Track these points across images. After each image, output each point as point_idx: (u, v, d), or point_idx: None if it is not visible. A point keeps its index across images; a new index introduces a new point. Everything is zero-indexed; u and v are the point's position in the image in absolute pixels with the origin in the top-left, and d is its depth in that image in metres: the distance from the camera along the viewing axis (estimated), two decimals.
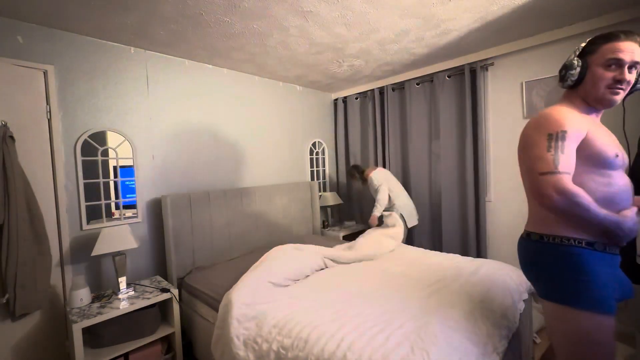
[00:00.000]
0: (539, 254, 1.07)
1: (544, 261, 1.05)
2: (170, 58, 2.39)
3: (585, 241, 0.99)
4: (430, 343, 1.17)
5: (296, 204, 3.12)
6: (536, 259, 1.08)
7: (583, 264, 0.98)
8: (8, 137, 1.61)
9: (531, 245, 1.10)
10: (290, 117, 3.31)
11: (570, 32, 2.20)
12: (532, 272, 1.12)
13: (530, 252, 1.11)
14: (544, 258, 1.06)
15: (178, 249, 2.24)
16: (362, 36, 2.19)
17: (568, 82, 1.09)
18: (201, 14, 1.78)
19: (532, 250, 1.10)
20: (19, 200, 1.60)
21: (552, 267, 1.03)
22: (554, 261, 1.03)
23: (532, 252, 1.10)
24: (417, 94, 3.08)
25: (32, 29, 1.81)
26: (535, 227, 1.10)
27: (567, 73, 1.08)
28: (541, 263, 1.06)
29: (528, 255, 1.13)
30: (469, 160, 2.73)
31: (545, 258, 1.05)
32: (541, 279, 1.08)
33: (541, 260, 1.06)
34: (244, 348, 1.48)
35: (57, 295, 1.88)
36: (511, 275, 1.75)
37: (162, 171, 2.34)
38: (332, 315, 1.43)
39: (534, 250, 1.09)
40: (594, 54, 1.04)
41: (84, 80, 1.99)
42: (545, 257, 1.05)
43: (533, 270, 1.11)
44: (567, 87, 1.12)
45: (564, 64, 1.10)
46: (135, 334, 1.81)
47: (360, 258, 2.22)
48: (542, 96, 2.39)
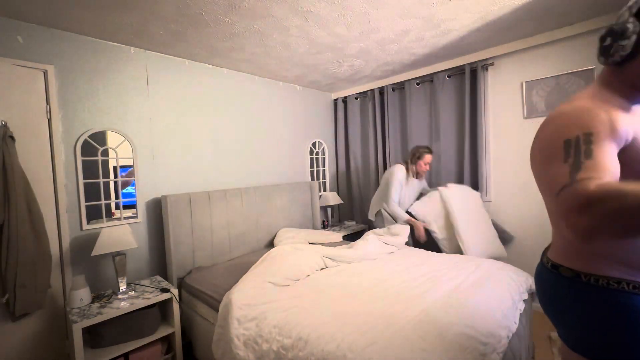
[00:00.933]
0: (574, 297, 0.79)
1: (583, 307, 0.77)
2: (170, 58, 2.39)
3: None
4: (430, 343, 1.17)
5: (296, 204, 3.12)
6: (569, 302, 0.80)
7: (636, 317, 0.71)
8: (8, 137, 1.61)
9: (562, 282, 0.81)
10: (290, 117, 3.31)
11: (570, 32, 2.20)
12: (559, 314, 0.85)
13: (559, 291, 0.83)
14: (582, 303, 0.77)
15: (178, 249, 2.24)
16: (362, 36, 2.19)
17: (614, 58, 0.73)
18: (201, 14, 1.78)
19: (563, 288, 0.82)
20: (19, 200, 1.60)
21: (594, 316, 0.76)
22: (597, 309, 0.75)
23: (563, 291, 0.82)
24: (417, 94, 3.08)
25: (32, 29, 1.81)
26: (566, 259, 0.81)
27: (614, 44, 0.72)
28: (577, 308, 0.79)
29: (556, 293, 0.84)
30: (469, 160, 2.73)
31: (584, 303, 0.77)
32: (573, 326, 0.81)
33: (577, 305, 0.78)
34: (244, 348, 1.48)
35: (57, 295, 1.88)
36: (511, 275, 1.75)
37: (162, 171, 2.34)
38: (332, 315, 1.43)
39: (566, 290, 0.81)
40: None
41: (84, 80, 1.99)
42: (585, 302, 0.77)
43: (561, 313, 0.84)
44: (611, 64, 0.75)
45: (611, 28, 0.73)
46: (135, 334, 1.81)
47: (360, 257, 2.22)
48: (542, 96, 2.39)
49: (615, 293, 0.73)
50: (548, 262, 0.87)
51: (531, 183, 2.48)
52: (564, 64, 2.29)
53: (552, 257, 0.86)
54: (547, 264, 0.87)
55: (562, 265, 0.82)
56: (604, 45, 0.75)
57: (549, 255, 0.88)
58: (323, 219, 3.58)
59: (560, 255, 0.84)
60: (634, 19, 0.69)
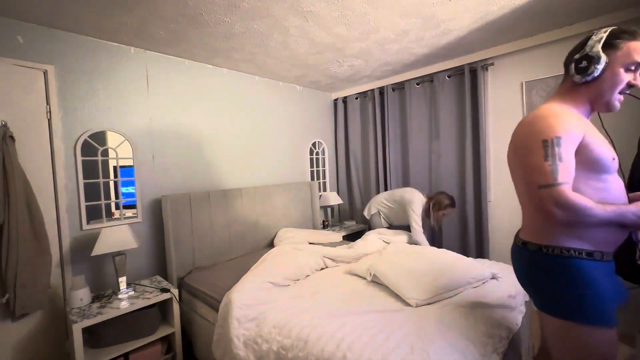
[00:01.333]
0: (538, 266, 1.00)
1: (544, 273, 0.98)
2: (170, 58, 2.39)
3: (585, 251, 0.93)
4: (430, 343, 1.17)
5: (296, 204, 3.12)
6: (535, 271, 1.02)
7: (586, 277, 0.92)
8: (8, 137, 1.61)
9: (528, 255, 1.03)
10: (290, 117, 3.31)
11: (570, 32, 2.20)
12: (530, 283, 1.06)
13: (527, 263, 1.04)
14: (543, 270, 0.98)
15: (178, 249, 2.24)
16: (362, 36, 2.19)
17: (588, 78, 0.96)
18: (201, 13, 1.78)
19: (529, 261, 1.03)
20: (19, 200, 1.60)
21: (553, 280, 0.96)
22: (554, 274, 0.96)
23: (529, 263, 1.03)
24: (417, 94, 3.08)
25: (32, 29, 1.81)
26: (532, 236, 1.02)
27: (591, 67, 0.94)
28: (540, 275, 1.00)
29: (525, 266, 1.06)
30: (469, 160, 2.73)
31: (545, 270, 0.98)
32: (540, 291, 1.02)
33: (540, 273, 0.99)
34: (244, 348, 1.48)
35: (57, 295, 1.88)
36: (513, 277, 1.75)
37: (162, 171, 2.34)
38: (332, 315, 1.43)
39: (532, 261, 1.02)
40: (618, 51, 0.91)
41: (84, 80, 1.99)
42: (545, 269, 0.98)
43: (531, 282, 1.05)
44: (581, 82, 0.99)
45: (587, 54, 0.95)
46: (135, 334, 1.81)
47: (359, 257, 2.22)
48: (542, 96, 2.39)
49: (565, 258, 0.94)
50: (519, 241, 1.08)
51: None
52: None
53: (522, 236, 1.08)
54: (518, 243, 1.09)
55: (529, 241, 1.03)
56: (581, 67, 0.97)
57: (519, 236, 1.10)
58: (323, 219, 3.58)
59: (527, 234, 1.05)
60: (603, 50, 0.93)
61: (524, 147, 0.98)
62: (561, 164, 0.90)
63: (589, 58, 0.95)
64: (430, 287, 1.54)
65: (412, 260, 1.84)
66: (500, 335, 1.27)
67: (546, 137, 0.92)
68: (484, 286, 1.64)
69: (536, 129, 0.95)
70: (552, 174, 0.90)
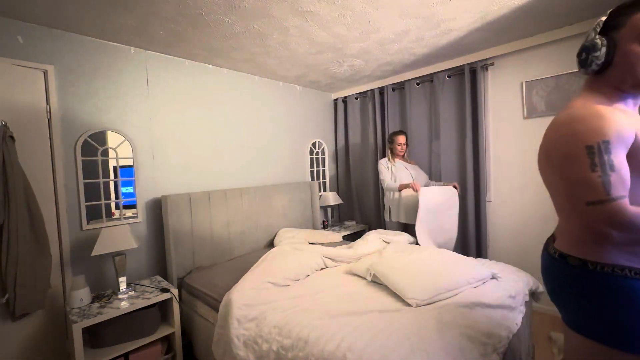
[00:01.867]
0: (580, 283, 0.86)
1: (589, 293, 0.84)
2: (170, 58, 2.39)
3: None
4: (430, 343, 1.17)
5: (296, 204, 3.12)
6: (576, 288, 0.87)
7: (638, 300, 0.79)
8: (8, 137, 1.61)
9: (570, 270, 0.88)
10: (290, 117, 3.31)
11: (570, 32, 2.20)
12: (566, 300, 0.92)
13: (565, 279, 0.90)
14: (588, 289, 0.84)
15: (178, 249, 2.24)
16: (362, 36, 2.19)
17: (592, 67, 0.86)
18: (201, 14, 1.78)
19: (569, 276, 0.89)
20: (19, 200, 1.60)
21: (599, 301, 0.83)
22: (602, 294, 0.82)
23: (569, 278, 0.89)
24: (417, 94, 3.08)
25: (32, 29, 1.81)
26: (574, 249, 0.88)
27: (589, 57, 0.86)
28: (583, 294, 0.85)
29: (564, 281, 0.91)
30: (469, 160, 2.73)
31: (590, 289, 0.84)
32: (578, 310, 0.88)
33: (584, 291, 0.85)
34: (244, 348, 1.48)
35: (57, 295, 1.88)
36: (513, 277, 1.75)
37: (162, 171, 2.34)
38: (332, 315, 1.43)
39: (574, 278, 0.87)
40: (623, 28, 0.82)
41: (84, 80, 1.99)
42: (591, 288, 0.84)
43: (569, 299, 0.91)
44: (591, 73, 0.89)
45: (583, 45, 0.88)
46: (135, 334, 1.81)
47: (359, 257, 2.22)
48: (542, 96, 2.39)
49: (618, 279, 0.79)
50: (555, 252, 0.93)
51: (531, 183, 2.48)
52: (564, 64, 2.29)
53: (560, 247, 0.92)
54: (554, 254, 0.94)
55: (570, 255, 0.88)
56: (581, 59, 0.89)
57: (556, 246, 0.94)
58: (323, 219, 3.58)
59: (567, 245, 0.90)
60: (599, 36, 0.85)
61: (563, 157, 0.81)
62: (613, 174, 0.74)
63: (585, 48, 0.87)
64: (430, 287, 1.54)
65: (412, 260, 1.84)
66: (500, 335, 1.27)
67: (590, 142, 0.76)
68: (484, 286, 1.64)
69: (575, 133, 0.79)
70: (603, 187, 0.74)
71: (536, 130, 2.43)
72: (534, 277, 1.83)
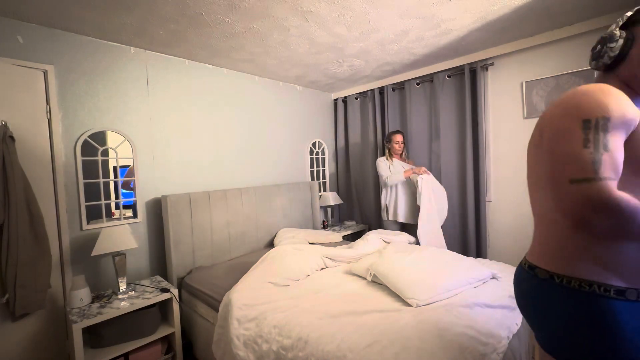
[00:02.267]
0: (547, 298, 0.78)
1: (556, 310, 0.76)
2: (170, 58, 2.39)
3: (615, 289, 0.69)
4: (430, 343, 1.17)
5: (296, 204, 3.12)
6: (543, 305, 0.79)
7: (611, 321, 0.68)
8: (8, 137, 1.61)
9: (537, 284, 0.80)
10: (290, 117, 3.31)
11: (570, 32, 2.20)
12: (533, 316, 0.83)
13: (533, 293, 0.82)
14: (553, 305, 0.76)
15: (178, 249, 2.24)
16: (362, 36, 2.19)
17: (604, 60, 0.80)
18: (201, 14, 1.78)
19: (536, 290, 0.81)
20: (19, 200, 1.60)
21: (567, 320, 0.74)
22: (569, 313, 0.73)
23: (535, 292, 0.81)
24: (417, 94, 3.08)
25: (32, 29, 1.81)
26: (543, 261, 0.80)
27: (604, 47, 0.80)
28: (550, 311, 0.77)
29: (530, 295, 0.84)
30: (469, 160, 2.73)
31: (555, 305, 0.76)
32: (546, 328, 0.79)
33: (551, 308, 0.77)
34: (244, 348, 1.48)
35: (57, 295, 1.88)
36: (511, 276, 1.75)
37: (162, 171, 2.34)
38: (332, 315, 1.43)
39: (539, 292, 0.80)
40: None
41: (84, 80, 1.99)
42: (556, 303, 0.75)
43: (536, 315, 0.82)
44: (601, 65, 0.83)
45: (601, 36, 0.82)
46: (135, 334, 1.81)
47: (359, 257, 2.22)
48: (542, 96, 2.39)
49: (586, 295, 0.71)
50: (525, 263, 0.87)
51: None
52: (564, 64, 2.29)
53: (530, 258, 0.86)
54: (524, 265, 0.87)
55: (538, 266, 0.81)
56: (594, 52, 0.84)
57: (526, 257, 0.88)
58: (323, 219, 3.58)
59: (537, 256, 0.83)
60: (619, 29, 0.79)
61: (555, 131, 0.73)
62: (606, 154, 0.66)
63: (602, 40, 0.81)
64: (430, 287, 1.54)
65: (412, 260, 1.84)
66: (500, 335, 1.27)
67: (589, 116, 0.68)
68: (484, 286, 1.64)
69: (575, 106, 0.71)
70: (592, 164, 0.65)
71: None
72: None
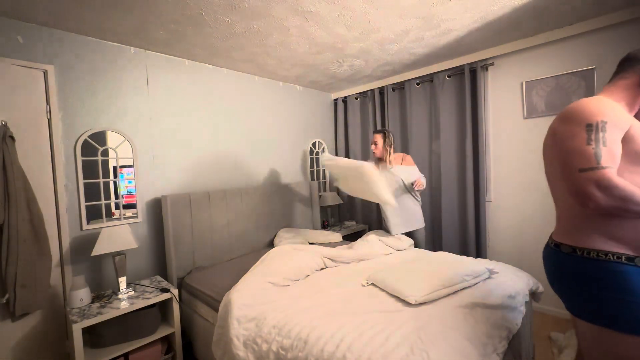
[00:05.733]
0: (571, 270, 0.95)
1: (579, 278, 0.94)
2: (170, 58, 2.39)
3: (625, 256, 0.88)
4: (429, 343, 1.17)
5: (296, 204, 3.12)
6: (569, 275, 0.96)
7: (625, 282, 0.86)
8: (8, 137, 1.61)
9: (562, 258, 0.98)
10: (290, 117, 3.31)
11: (570, 32, 2.20)
12: (562, 288, 1.00)
13: (561, 266, 0.99)
14: (577, 274, 0.94)
15: (178, 249, 2.24)
16: (362, 36, 2.19)
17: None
18: (201, 13, 1.78)
19: (563, 264, 0.98)
20: (19, 200, 1.60)
21: (588, 285, 0.92)
22: (590, 278, 0.91)
23: (562, 266, 0.99)
24: (417, 94, 3.08)
25: (32, 29, 1.81)
26: (566, 238, 0.98)
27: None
28: (575, 279, 0.95)
29: (557, 269, 1.01)
30: (469, 160, 2.73)
31: (579, 274, 0.93)
32: (575, 297, 0.97)
33: (575, 277, 0.95)
34: (243, 349, 1.48)
35: (57, 295, 1.88)
36: (512, 277, 1.75)
37: (162, 171, 2.34)
38: (332, 315, 1.43)
39: (566, 265, 0.97)
40: None
41: (84, 80, 1.99)
42: (580, 273, 0.93)
43: (564, 286, 0.99)
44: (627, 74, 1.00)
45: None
46: (135, 334, 1.81)
47: (359, 257, 2.22)
48: (542, 96, 2.39)
49: (603, 262, 0.89)
50: (552, 242, 1.05)
51: (531, 183, 2.48)
52: (564, 64, 2.29)
53: (555, 237, 1.04)
54: (551, 244, 1.05)
55: (562, 243, 0.99)
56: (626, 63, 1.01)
57: (552, 236, 1.06)
58: (323, 219, 3.58)
59: (561, 234, 1.01)
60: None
61: (566, 132, 0.94)
62: (605, 148, 0.86)
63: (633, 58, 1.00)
64: (427, 284, 1.56)
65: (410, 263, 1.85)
66: (500, 335, 1.27)
67: (591, 120, 0.88)
68: (484, 286, 1.64)
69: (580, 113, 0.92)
70: (594, 157, 0.86)
71: (536, 130, 2.43)
72: (534, 277, 1.83)
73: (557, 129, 0.98)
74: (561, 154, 0.94)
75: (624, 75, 1.01)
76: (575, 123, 0.91)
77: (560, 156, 0.95)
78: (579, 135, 0.89)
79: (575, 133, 0.90)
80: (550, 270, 1.05)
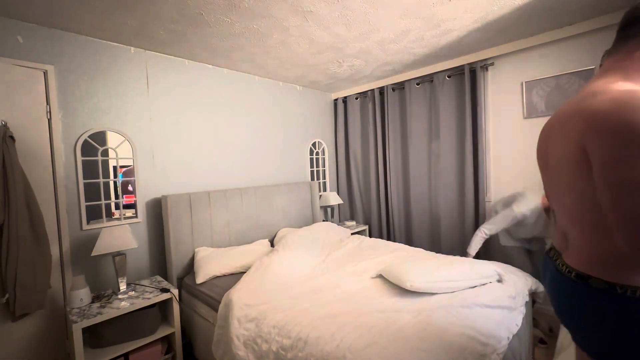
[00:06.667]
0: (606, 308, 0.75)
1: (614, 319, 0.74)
2: (170, 58, 2.39)
3: None
4: (429, 343, 1.17)
5: (296, 204, 3.12)
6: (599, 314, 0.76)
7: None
8: (8, 137, 1.61)
9: (590, 293, 0.76)
10: (290, 117, 3.31)
11: (570, 32, 2.20)
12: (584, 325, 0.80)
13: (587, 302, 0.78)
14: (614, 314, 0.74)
15: (178, 249, 2.24)
16: (362, 36, 2.19)
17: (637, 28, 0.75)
18: (201, 14, 1.78)
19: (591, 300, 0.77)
20: (19, 200, 1.60)
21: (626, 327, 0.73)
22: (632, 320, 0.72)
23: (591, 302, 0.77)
24: (417, 94, 3.08)
25: (32, 29, 1.81)
26: (598, 271, 0.75)
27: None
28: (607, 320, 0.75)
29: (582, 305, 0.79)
30: (469, 160, 2.72)
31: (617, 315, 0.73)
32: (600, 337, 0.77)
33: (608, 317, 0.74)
34: (244, 348, 1.48)
35: (57, 295, 1.88)
36: (513, 278, 1.75)
37: (162, 171, 2.34)
38: (332, 315, 1.43)
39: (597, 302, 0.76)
40: None
41: (84, 80, 1.99)
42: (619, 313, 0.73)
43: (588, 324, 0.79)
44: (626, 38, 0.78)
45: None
46: (135, 334, 1.81)
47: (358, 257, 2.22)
48: (542, 96, 2.39)
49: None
50: (571, 271, 0.81)
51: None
52: (564, 64, 2.29)
53: (577, 266, 0.80)
54: (568, 273, 0.82)
55: (592, 276, 0.77)
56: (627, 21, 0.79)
57: (570, 264, 0.82)
58: (323, 219, 3.57)
59: (589, 265, 0.78)
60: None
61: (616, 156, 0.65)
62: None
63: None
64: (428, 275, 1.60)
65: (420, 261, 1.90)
66: (500, 335, 1.27)
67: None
68: (484, 287, 1.64)
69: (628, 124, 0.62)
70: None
71: (536, 130, 2.40)
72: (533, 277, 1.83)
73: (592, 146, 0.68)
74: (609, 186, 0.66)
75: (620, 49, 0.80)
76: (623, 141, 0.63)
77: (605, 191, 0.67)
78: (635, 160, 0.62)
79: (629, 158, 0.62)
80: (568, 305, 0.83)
